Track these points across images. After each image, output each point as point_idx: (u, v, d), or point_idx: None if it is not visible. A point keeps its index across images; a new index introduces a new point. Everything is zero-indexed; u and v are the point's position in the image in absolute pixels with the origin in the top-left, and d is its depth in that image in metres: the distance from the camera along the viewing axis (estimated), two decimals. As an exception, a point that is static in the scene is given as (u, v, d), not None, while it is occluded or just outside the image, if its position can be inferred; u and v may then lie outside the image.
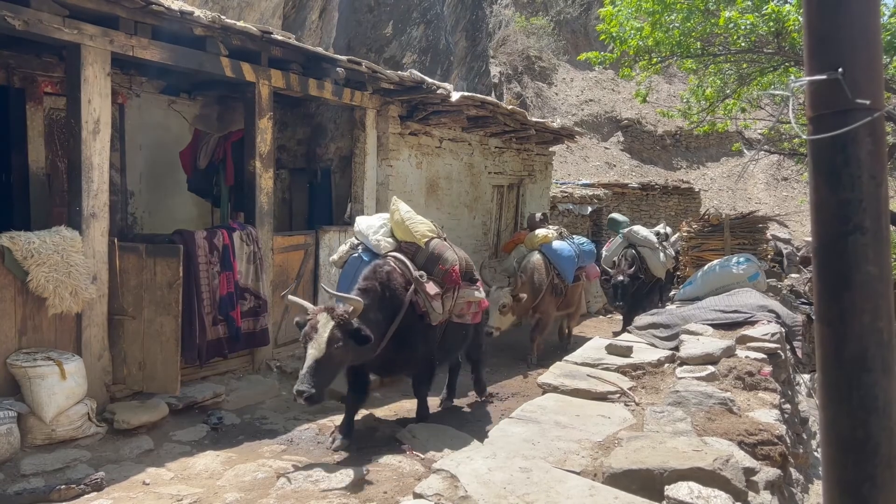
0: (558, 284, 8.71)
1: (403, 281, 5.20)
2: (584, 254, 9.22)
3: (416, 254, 5.52)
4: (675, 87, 25.22)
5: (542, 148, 11.94)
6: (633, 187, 15.92)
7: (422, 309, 5.21)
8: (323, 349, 4.37)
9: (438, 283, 5.39)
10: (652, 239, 10.40)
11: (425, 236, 5.57)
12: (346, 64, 7.03)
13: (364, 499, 4.09)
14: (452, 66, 16.42)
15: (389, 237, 5.60)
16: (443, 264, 5.45)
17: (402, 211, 5.63)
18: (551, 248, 8.76)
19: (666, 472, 2.57)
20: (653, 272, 10.36)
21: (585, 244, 9.44)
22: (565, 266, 8.79)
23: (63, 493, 4.06)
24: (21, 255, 4.78)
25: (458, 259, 5.59)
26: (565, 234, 9.26)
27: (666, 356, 4.71)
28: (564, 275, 8.78)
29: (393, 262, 5.31)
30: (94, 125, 5.28)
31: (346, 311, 4.51)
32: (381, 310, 4.96)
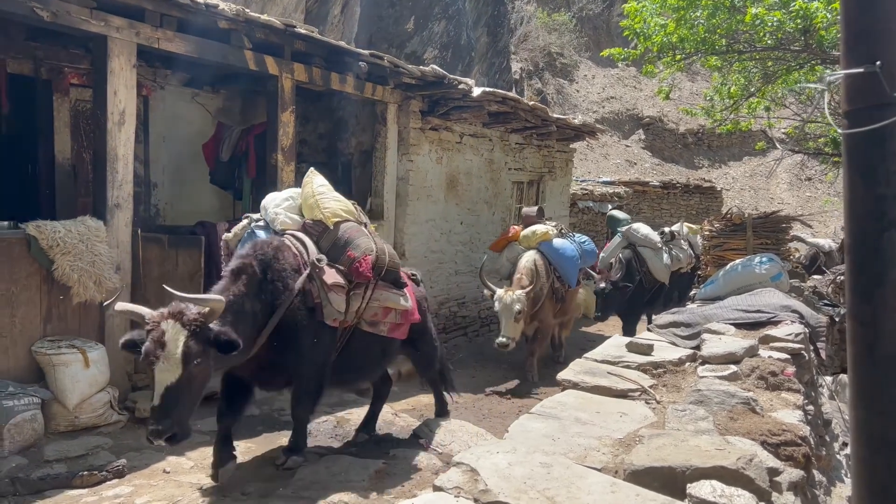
0: (559, 289, 7.82)
1: (296, 263, 4.20)
2: (585, 254, 8.33)
3: (321, 236, 4.49)
4: (697, 85, 24.99)
5: (563, 145, 11.88)
6: (654, 185, 15.82)
7: (315, 300, 4.16)
8: (178, 371, 3.32)
9: (344, 275, 4.32)
10: (653, 238, 9.45)
11: (337, 216, 4.52)
12: (369, 58, 7.04)
13: (381, 491, 4.10)
14: (473, 62, 16.39)
15: (295, 213, 4.66)
16: (352, 251, 4.36)
17: (315, 184, 4.70)
18: (552, 246, 7.87)
19: (688, 470, 2.54)
20: (654, 275, 9.36)
21: (587, 243, 8.60)
22: (568, 267, 7.88)
23: (85, 479, 4.12)
24: (47, 244, 4.85)
25: (375, 250, 4.46)
26: (565, 232, 8.44)
27: (687, 355, 4.66)
28: (566, 277, 7.88)
29: (288, 240, 4.33)
30: (119, 117, 5.33)
31: (200, 313, 3.42)
32: (259, 297, 3.94)
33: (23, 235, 4.85)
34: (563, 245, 7.93)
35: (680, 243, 10.98)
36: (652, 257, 9.29)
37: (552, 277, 7.73)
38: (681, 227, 11.33)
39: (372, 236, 4.59)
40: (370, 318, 4.52)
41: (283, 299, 4.01)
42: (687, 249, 11.09)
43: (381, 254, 4.51)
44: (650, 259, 9.27)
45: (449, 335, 9.11)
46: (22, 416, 4.44)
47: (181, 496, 3.94)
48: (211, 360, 3.51)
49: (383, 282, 4.56)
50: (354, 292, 4.36)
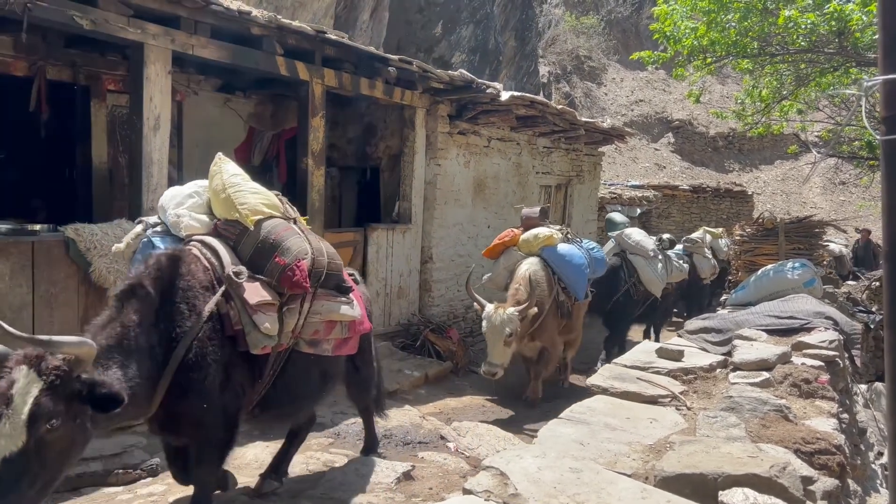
0: (564, 302, 6.71)
1: (206, 279, 3.26)
2: (595, 262, 7.23)
3: (240, 240, 3.50)
4: (728, 88, 24.69)
5: (591, 148, 11.83)
6: (683, 189, 15.67)
7: (235, 327, 3.22)
8: (21, 438, 2.32)
9: (271, 287, 3.39)
10: (646, 245, 8.47)
11: (258, 213, 3.53)
12: (398, 63, 7.09)
13: (409, 494, 4.12)
14: (501, 66, 16.41)
15: (204, 213, 3.68)
16: (280, 256, 3.41)
17: (225, 174, 3.65)
18: (556, 252, 6.74)
19: (720, 477, 2.52)
20: (646, 287, 8.40)
21: (596, 250, 7.51)
22: (575, 277, 6.76)
23: (121, 477, 4.20)
24: (85, 246, 4.97)
25: (311, 252, 3.52)
26: (572, 236, 7.28)
27: (718, 361, 4.62)
28: (573, 288, 6.77)
29: (196, 250, 3.38)
30: (154, 122, 5.44)
31: (65, 360, 2.46)
32: (157, 328, 2.99)
33: (61, 238, 4.97)
34: (569, 251, 6.80)
35: (703, 251, 10.70)
36: (643, 266, 8.37)
37: (556, 289, 6.66)
38: (703, 234, 11.02)
39: (305, 233, 3.65)
40: (310, 337, 3.58)
41: (189, 328, 3.06)
42: (710, 259, 10.80)
43: (319, 255, 3.57)
44: (641, 268, 8.37)
45: (476, 339, 9.11)
46: (60, 415, 4.54)
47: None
48: (81, 423, 2.53)
49: (324, 289, 3.64)
50: (288, 308, 3.42)
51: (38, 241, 4.88)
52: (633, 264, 8.39)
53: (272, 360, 3.42)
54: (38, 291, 4.86)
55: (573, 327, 7.20)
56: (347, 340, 3.86)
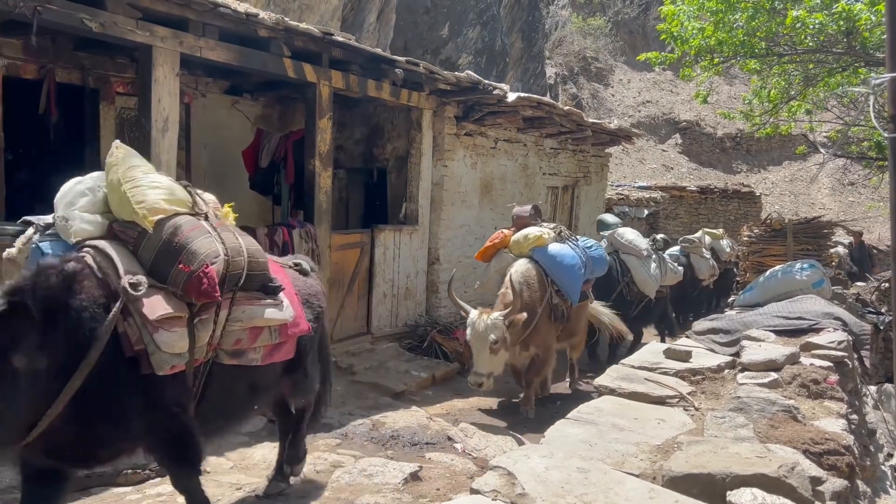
0: (559, 305, 6.31)
1: (101, 294, 2.79)
2: (592, 262, 6.81)
3: (139, 244, 3.02)
4: (736, 89, 24.63)
5: (598, 149, 11.82)
6: (691, 190, 15.64)
7: (135, 347, 2.79)
8: None
9: (177, 298, 2.94)
10: (639, 245, 8.31)
11: (157, 211, 3.03)
12: (405, 65, 7.10)
13: (417, 494, 4.13)
14: (508, 67, 16.43)
15: (99, 213, 3.13)
16: (185, 262, 2.94)
17: (123, 166, 3.11)
18: (547, 253, 6.32)
19: (728, 477, 2.51)
20: (639, 288, 8.23)
21: (594, 248, 7.07)
22: (568, 278, 6.31)
23: (130, 477, 4.22)
24: (94, 247, 4.98)
25: (224, 253, 3.04)
26: (566, 235, 6.79)
27: (726, 362, 4.61)
28: (566, 291, 6.33)
29: (89, 258, 2.89)
30: (163, 124, 5.47)
31: None
32: (44, 352, 2.57)
33: (71, 239, 4.99)
34: (560, 251, 6.37)
35: (701, 251, 10.65)
36: (636, 266, 8.21)
37: (550, 291, 6.25)
38: (701, 235, 10.96)
39: (219, 231, 3.15)
40: (232, 348, 3.16)
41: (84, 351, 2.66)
42: (709, 259, 10.73)
43: (235, 255, 3.11)
44: (634, 269, 8.21)
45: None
46: (69, 415, 4.57)
47: (220, 495, 4.01)
48: None
49: (245, 293, 3.20)
50: (201, 318, 2.99)
51: (47, 243, 4.91)
52: (626, 264, 8.25)
53: (189, 379, 3.02)
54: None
55: (573, 330, 6.84)
56: (280, 346, 3.40)
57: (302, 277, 3.86)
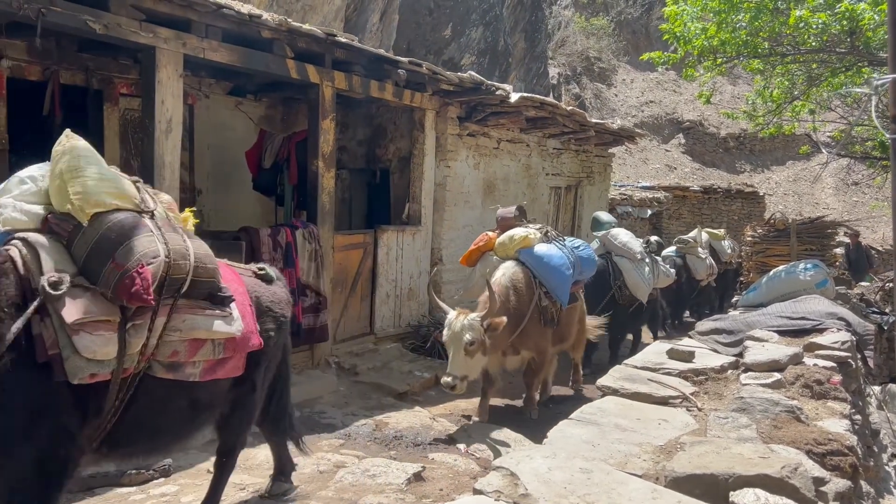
0: (548, 307, 6.04)
1: (16, 292, 2.57)
2: (581, 262, 6.52)
3: (74, 238, 2.77)
4: (739, 89, 24.58)
5: (601, 150, 11.81)
6: (694, 190, 15.62)
7: (49, 351, 2.52)
8: None
9: (106, 299, 2.67)
10: (633, 247, 7.98)
11: (95, 204, 2.79)
12: (408, 66, 7.11)
13: (420, 495, 4.13)
14: (511, 68, 16.43)
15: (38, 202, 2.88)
16: (119, 261, 2.68)
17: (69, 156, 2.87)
18: (534, 254, 6.07)
19: (731, 477, 2.52)
20: (631, 291, 7.93)
21: (583, 248, 6.75)
22: (556, 280, 6.05)
23: (133, 478, 4.23)
24: (98, 248, 4.99)
25: (164, 254, 2.79)
26: (553, 235, 6.55)
27: (729, 362, 4.61)
28: (555, 292, 6.06)
29: (15, 251, 2.65)
30: (166, 125, 5.48)
31: None
32: None
33: (75, 240, 5.01)
34: (548, 252, 6.12)
35: (697, 251, 10.40)
36: (629, 269, 7.90)
37: (538, 293, 5.99)
38: (698, 233, 10.70)
39: (164, 231, 2.89)
40: (168, 359, 2.85)
41: None
42: (705, 259, 10.49)
43: (180, 258, 2.84)
44: (627, 271, 7.91)
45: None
46: (73, 416, 4.58)
47: (224, 496, 4.02)
48: None
49: (189, 300, 2.91)
50: (134, 324, 2.70)
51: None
52: (618, 267, 7.95)
53: (114, 389, 2.69)
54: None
55: (564, 334, 6.53)
56: (224, 361, 3.07)
57: (265, 285, 3.55)
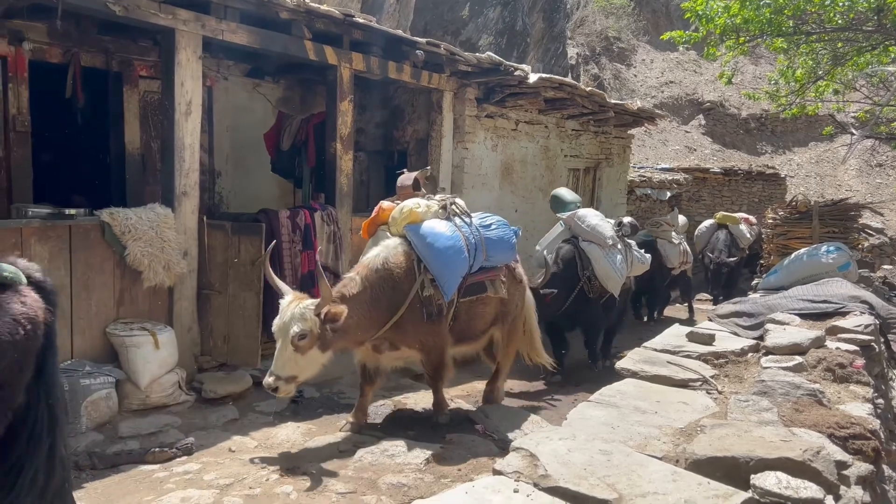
0: (432, 297, 4.87)
1: None
2: (490, 245, 5.26)
3: None
4: (761, 69, 24.18)
5: (621, 131, 11.70)
6: (714, 172, 15.43)
7: None
8: None
9: None
10: (603, 231, 6.99)
11: None
12: (425, 46, 7.07)
13: (439, 475, 4.17)
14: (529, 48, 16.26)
15: None
16: None
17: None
18: (418, 232, 4.97)
19: (752, 460, 2.50)
20: (601, 282, 6.94)
21: (496, 227, 5.44)
22: (441, 264, 4.88)
23: (157, 455, 4.31)
24: (119, 230, 5.07)
25: None
26: (459, 209, 5.36)
27: (750, 345, 4.57)
28: (440, 280, 4.89)
29: None
30: (186, 107, 5.50)
31: None
32: None
33: (97, 222, 5.08)
34: (434, 230, 4.97)
35: (670, 236, 9.84)
36: (599, 258, 6.90)
37: (422, 280, 4.87)
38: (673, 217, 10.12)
39: None
40: None
41: None
42: (678, 244, 9.89)
43: None
44: (596, 259, 6.90)
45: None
46: (98, 395, 4.68)
47: (246, 474, 4.08)
48: None
49: None
50: None
51: (74, 225, 4.99)
52: (586, 254, 6.96)
53: None
54: (75, 274, 4.98)
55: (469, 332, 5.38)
56: None
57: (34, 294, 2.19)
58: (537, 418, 5.31)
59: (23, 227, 4.72)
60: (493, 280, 5.37)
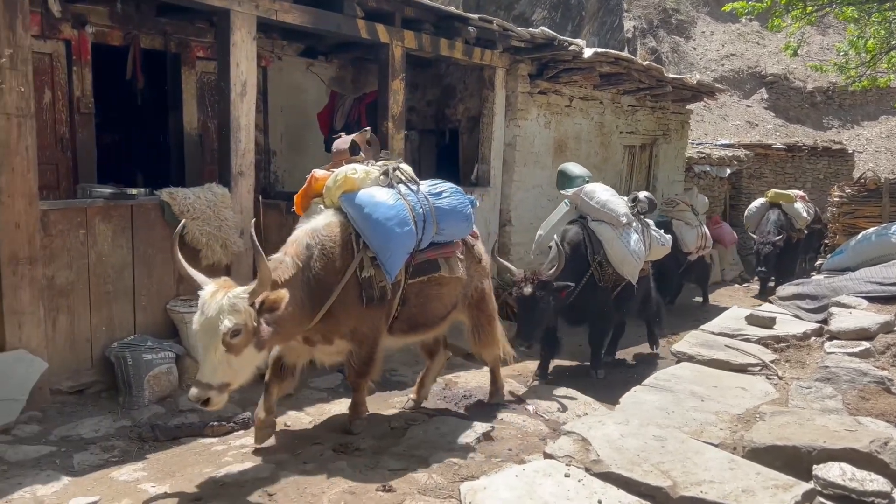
0: (373, 278, 4.13)
1: None
2: (441, 216, 4.47)
3: None
4: (829, 39, 23.10)
5: (679, 106, 11.37)
6: (777, 148, 14.88)
7: None
8: None
9: None
10: (615, 208, 6.06)
11: None
12: (478, 22, 6.98)
13: (490, 454, 4.18)
14: (584, 22, 15.92)
15: None
16: None
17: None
18: (353, 202, 4.21)
19: (815, 450, 2.42)
20: (616, 268, 6.02)
21: (448, 195, 4.62)
22: (381, 238, 4.13)
23: (215, 429, 4.43)
24: (178, 209, 5.19)
25: None
26: (404, 177, 4.54)
27: (813, 329, 4.42)
28: (381, 257, 4.14)
29: None
30: (241, 88, 5.57)
31: None
32: None
33: (157, 202, 5.22)
34: (372, 199, 4.21)
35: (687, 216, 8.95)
36: (612, 239, 5.97)
37: (361, 258, 4.14)
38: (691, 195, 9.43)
39: None
40: None
41: None
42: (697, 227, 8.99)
43: None
44: (608, 241, 5.98)
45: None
46: (159, 369, 4.83)
47: (301, 449, 4.17)
48: None
49: None
50: None
51: (136, 205, 5.14)
52: (597, 235, 6.05)
53: None
54: (137, 253, 5.14)
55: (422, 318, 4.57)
56: None
57: None
58: (589, 400, 5.26)
59: (87, 206, 4.88)
60: (448, 257, 4.60)
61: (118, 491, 3.56)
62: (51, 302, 4.68)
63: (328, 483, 3.68)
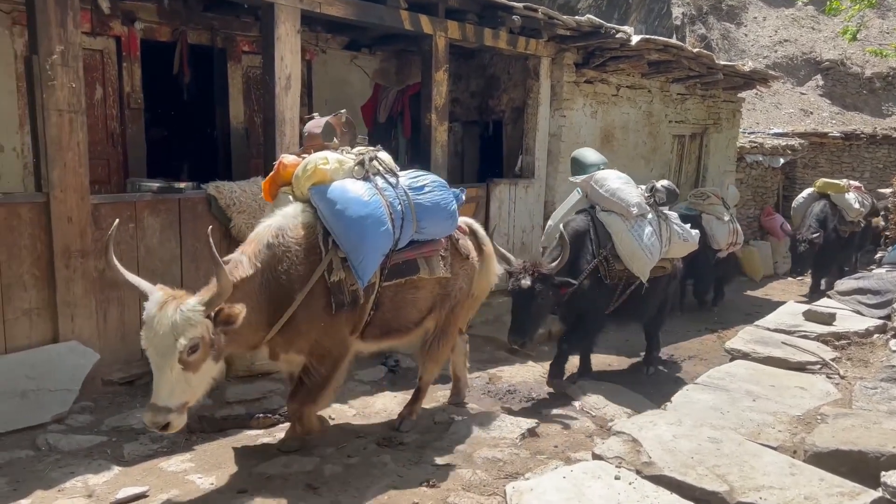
0: (342, 282, 3.72)
1: None
2: (421, 212, 4.05)
3: None
4: (889, 23, 22.15)
5: (730, 94, 11.03)
6: (833, 136, 14.34)
7: None
8: None
9: None
10: (627, 197, 5.50)
11: None
12: (522, 11, 6.86)
13: (535, 450, 4.11)
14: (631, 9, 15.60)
15: None
16: None
17: None
18: (325, 196, 3.80)
19: (883, 456, 2.29)
20: (625, 263, 5.41)
21: (430, 189, 4.17)
22: (354, 238, 3.72)
23: (261, 421, 4.46)
24: (225, 203, 5.24)
25: None
26: (381, 167, 4.10)
27: (876, 325, 4.22)
28: (352, 258, 3.71)
29: None
30: (286, 81, 5.59)
31: None
32: None
33: (204, 195, 5.27)
34: (344, 193, 3.80)
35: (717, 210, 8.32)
36: (621, 231, 5.41)
37: (330, 259, 3.73)
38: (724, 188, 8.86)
39: None
40: None
41: None
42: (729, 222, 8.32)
43: None
44: (617, 234, 5.42)
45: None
46: (207, 361, 4.88)
47: (346, 442, 4.17)
48: None
49: None
50: None
51: (183, 199, 5.20)
52: (605, 228, 5.50)
53: None
54: (184, 246, 5.20)
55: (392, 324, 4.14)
56: None
57: None
58: (638, 397, 5.14)
59: (136, 200, 4.96)
60: (429, 257, 4.17)
61: (166, 481, 3.61)
62: (102, 294, 4.77)
63: (372, 477, 3.67)
